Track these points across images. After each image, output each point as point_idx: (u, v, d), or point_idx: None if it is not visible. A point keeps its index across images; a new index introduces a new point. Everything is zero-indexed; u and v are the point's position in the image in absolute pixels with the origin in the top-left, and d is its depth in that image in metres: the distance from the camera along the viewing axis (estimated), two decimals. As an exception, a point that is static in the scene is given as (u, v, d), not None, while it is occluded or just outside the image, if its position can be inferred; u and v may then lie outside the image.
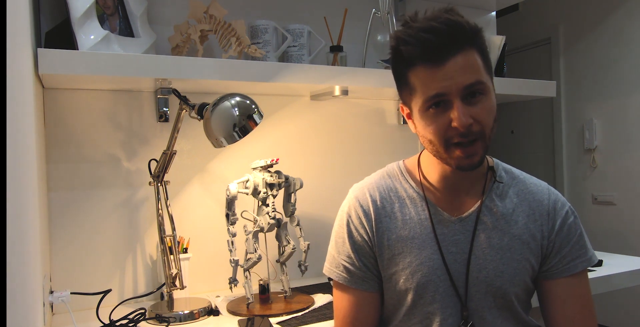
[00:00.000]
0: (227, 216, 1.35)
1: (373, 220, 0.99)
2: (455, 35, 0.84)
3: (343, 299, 1.01)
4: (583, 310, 0.95)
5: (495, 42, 1.84)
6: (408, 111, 0.95)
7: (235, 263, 1.34)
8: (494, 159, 1.04)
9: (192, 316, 1.27)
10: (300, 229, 1.43)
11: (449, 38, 0.84)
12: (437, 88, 0.85)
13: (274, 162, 1.37)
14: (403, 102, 0.96)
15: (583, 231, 0.99)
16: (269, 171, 1.39)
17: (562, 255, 0.96)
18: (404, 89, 0.93)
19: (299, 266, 1.43)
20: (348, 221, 1.01)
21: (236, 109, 1.21)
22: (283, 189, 1.42)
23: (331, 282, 1.05)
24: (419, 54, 0.85)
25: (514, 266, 0.95)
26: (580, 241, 0.97)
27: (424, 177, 1.01)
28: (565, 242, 0.96)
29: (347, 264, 1.00)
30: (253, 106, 1.23)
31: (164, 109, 1.48)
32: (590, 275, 1.03)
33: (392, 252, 0.97)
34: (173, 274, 1.35)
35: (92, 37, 1.22)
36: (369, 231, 0.99)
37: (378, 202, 1.00)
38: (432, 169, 0.99)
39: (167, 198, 1.39)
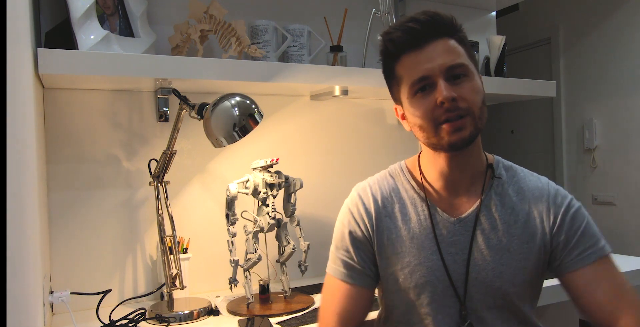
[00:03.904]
0: (227, 216, 1.35)
1: (373, 218, 0.99)
2: (435, 24, 0.90)
3: (334, 290, 1.00)
4: (616, 291, 0.91)
5: (495, 42, 1.84)
6: (402, 111, 0.97)
7: (235, 263, 1.34)
8: (495, 156, 1.04)
9: (192, 316, 1.27)
10: (300, 229, 1.43)
11: (428, 26, 0.90)
12: (421, 71, 0.89)
13: (274, 162, 1.37)
14: (395, 100, 0.99)
15: (590, 220, 0.96)
16: (269, 171, 1.39)
17: (571, 246, 0.94)
18: (393, 84, 0.97)
19: (299, 266, 1.43)
20: (349, 217, 1.02)
21: (236, 109, 1.21)
22: (283, 189, 1.42)
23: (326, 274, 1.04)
24: (403, 41, 0.91)
25: (513, 266, 0.95)
26: (589, 230, 0.95)
27: (424, 178, 1.01)
28: (572, 233, 0.94)
29: (345, 258, 1.00)
30: (253, 106, 1.24)
31: (164, 109, 1.48)
32: (591, 275, 1.00)
33: (391, 252, 0.98)
34: (173, 274, 1.35)
35: (92, 37, 1.22)
36: (369, 228, 0.99)
37: (379, 201, 1.00)
38: (431, 167, 0.99)
39: (167, 198, 1.39)
